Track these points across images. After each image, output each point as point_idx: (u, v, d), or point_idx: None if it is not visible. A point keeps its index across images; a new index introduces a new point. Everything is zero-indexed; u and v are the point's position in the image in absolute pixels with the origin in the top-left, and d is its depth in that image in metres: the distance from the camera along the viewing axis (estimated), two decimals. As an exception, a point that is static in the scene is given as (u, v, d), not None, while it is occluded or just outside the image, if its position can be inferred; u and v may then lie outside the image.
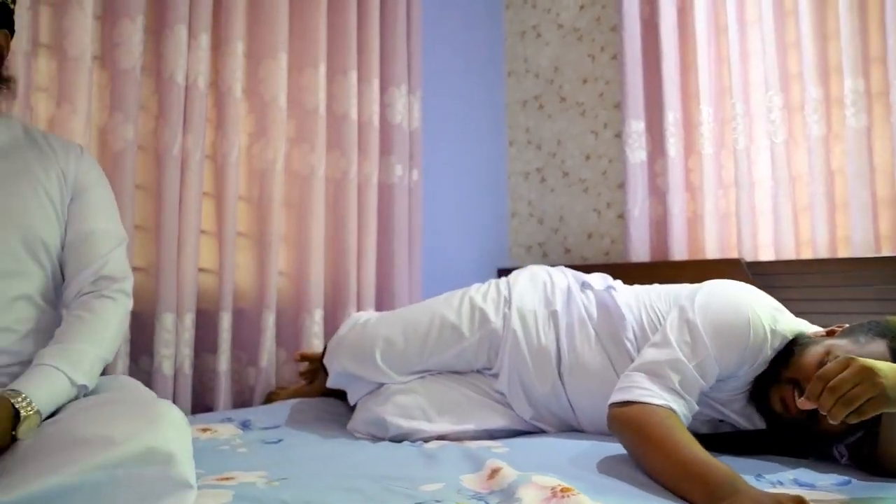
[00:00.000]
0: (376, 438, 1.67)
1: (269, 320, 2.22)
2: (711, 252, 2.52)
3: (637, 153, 2.71)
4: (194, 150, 2.06)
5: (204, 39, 2.10)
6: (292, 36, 2.33)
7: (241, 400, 2.23)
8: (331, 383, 1.86)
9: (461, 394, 1.72)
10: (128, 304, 1.40)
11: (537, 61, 3.17)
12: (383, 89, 2.57)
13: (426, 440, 1.64)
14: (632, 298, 1.71)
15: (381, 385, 1.76)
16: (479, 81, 3.16)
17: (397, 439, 1.66)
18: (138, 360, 2.02)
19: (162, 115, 2.04)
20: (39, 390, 1.15)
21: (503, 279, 1.87)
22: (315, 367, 2.18)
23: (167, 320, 1.98)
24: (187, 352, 2.04)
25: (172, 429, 1.10)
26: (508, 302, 1.77)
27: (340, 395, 2.05)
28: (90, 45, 1.90)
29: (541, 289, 1.80)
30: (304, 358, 2.20)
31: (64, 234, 1.37)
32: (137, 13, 1.97)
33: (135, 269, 1.89)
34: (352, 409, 1.93)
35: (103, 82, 1.98)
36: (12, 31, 1.39)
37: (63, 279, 1.39)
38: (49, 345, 1.26)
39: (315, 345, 2.30)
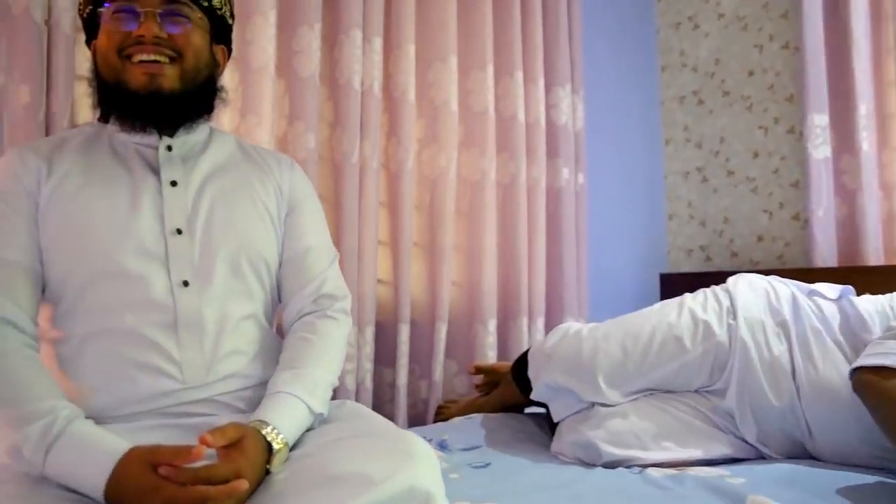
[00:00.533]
0: (585, 463, 1.56)
1: (442, 332, 2.14)
2: (915, 256, 2.29)
3: (820, 149, 2.50)
4: (371, 158, 2.00)
5: (377, 43, 2.04)
6: (459, 38, 2.25)
7: (415, 413, 2.17)
8: (536, 395, 1.75)
9: (676, 418, 1.58)
10: (349, 323, 1.34)
11: (695, 54, 2.99)
12: (548, 89, 2.46)
13: (643, 466, 1.51)
14: (872, 306, 1.54)
15: (590, 405, 1.64)
16: (632, 78, 3.00)
17: (608, 466, 1.54)
18: (319, 374, 1.98)
19: (338, 123, 1.99)
20: (284, 420, 1.09)
21: (717, 288, 1.72)
22: (491, 380, 2.09)
23: (350, 334, 1.92)
24: (368, 366, 1.98)
25: (427, 466, 1.02)
26: (732, 312, 1.62)
27: (517, 409, 1.96)
28: (273, 54, 1.86)
29: (763, 297, 1.64)
30: (479, 370, 2.11)
31: (281, 250, 1.31)
32: (315, 20, 1.93)
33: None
34: (543, 426, 1.83)
35: (280, 91, 1.94)
36: (230, 49, 1.35)
37: (279, 298, 1.34)
38: (279, 369, 1.20)
39: (489, 356, 2.21)
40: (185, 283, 1.17)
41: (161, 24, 1.18)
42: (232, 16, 1.34)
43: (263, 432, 1.06)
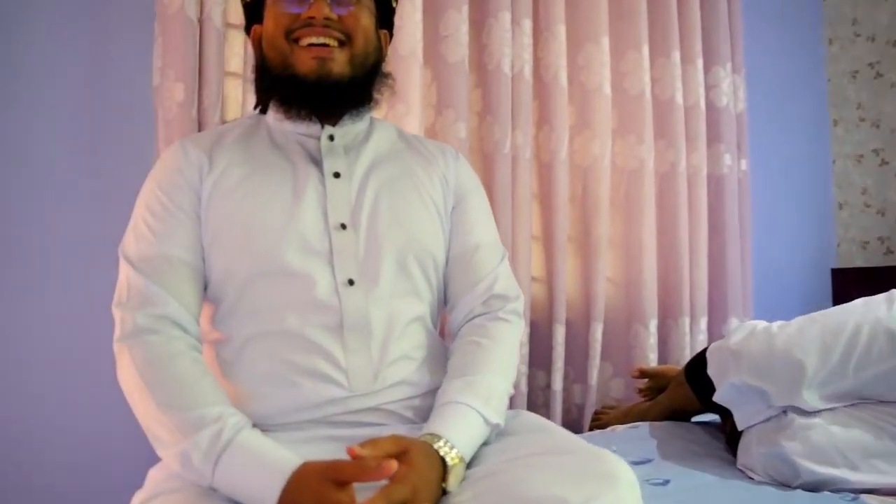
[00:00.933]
0: (778, 483, 1.38)
1: (598, 332, 1.99)
2: None
3: None
4: (524, 148, 1.89)
5: (527, 25, 1.92)
6: (611, 17, 2.09)
7: (569, 419, 2.03)
8: (720, 398, 1.57)
9: (891, 434, 1.37)
10: (522, 326, 1.22)
11: (872, 21, 2.69)
12: (707, 69, 2.27)
13: (853, 492, 1.31)
14: None
15: (782, 412, 1.45)
16: (795, 53, 2.73)
17: (807, 487, 1.35)
18: (470, 376, 1.88)
19: (489, 111, 1.88)
20: (458, 433, 0.99)
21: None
22: (656, 385, 1.92)
23: (504, 334, 1.81)
24: (523, 368, 1.87)
25: (630, 490, 0.89)
26: (958, 307, 1.40)
27: (685, 417, 1.79)
28: (420, 40, 1.78)
29: None
30: (643, 374, 1.95)
31: (448, 246, 1.21)
32: (463, 3, 1.83)
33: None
34: (717, 437, 1.65)
35: (427, 79, 1.86)
36: (391, 34, 1.27)
37: (444, 298, 1.23)
38: (449, 377, 1.10)
39: (650, 359, 2.05)
40: (351, 282, 1.08)
41: (330, 4, 1.11)
42: None
43: (436, 446, 0.96)
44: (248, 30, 1.24)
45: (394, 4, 1.26)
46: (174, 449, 0.96)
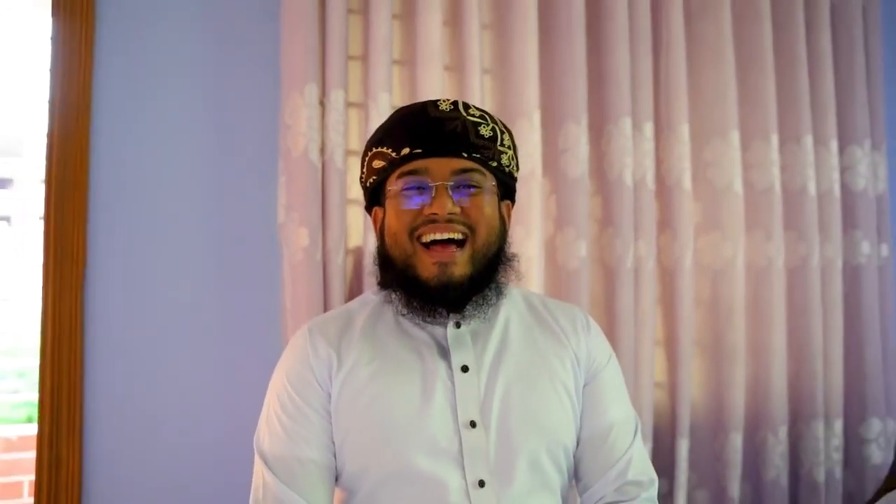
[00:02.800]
0: None
1: (737, 442, 1.91)
2: None
3: None
4: (647, 259, 1.83)
5: (648, 129, 1.87)
6: (740, 106, 1.98)
7: (693, 530, 1.97)
8: None
9: None
10: None
11: None
12: (842, 150, 2.12)
13: None
14: None
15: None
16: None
17: None
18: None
19: (610, 223, 1.83)
20: None
21: None
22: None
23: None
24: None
25: None
26: None
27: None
28: (539, 158, 1.76)
29: None
30: None
31: (579, 426, 1.19)
32: (581, 113, 1.79)
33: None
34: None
35: (545, 192, 1.83)
36: (514, 200, 1.26)
37: (574, 474, 1.21)
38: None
39: (779, 467, 1.95)
40: (481, 483, 1.08)
41: (452, 196, 1.11)
42: (518, 166, 1.24)
43: None
44: (368, 209, 1.26)
45: (516, 175, 1.23)
46: None
